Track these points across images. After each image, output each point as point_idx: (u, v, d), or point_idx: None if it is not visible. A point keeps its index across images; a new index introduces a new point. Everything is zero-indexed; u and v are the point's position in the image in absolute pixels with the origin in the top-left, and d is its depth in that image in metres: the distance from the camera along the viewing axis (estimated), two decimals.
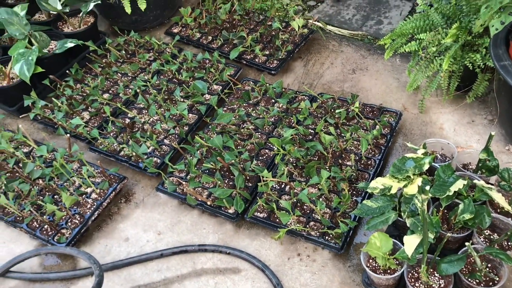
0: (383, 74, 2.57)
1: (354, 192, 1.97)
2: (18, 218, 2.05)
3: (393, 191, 1.71)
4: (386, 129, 2.19)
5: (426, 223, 1.44)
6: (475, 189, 1.69)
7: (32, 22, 2.93)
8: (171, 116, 2.39)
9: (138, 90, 2.52)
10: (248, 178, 2.08)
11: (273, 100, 2.42)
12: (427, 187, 1.48)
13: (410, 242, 1.55)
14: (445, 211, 1.71)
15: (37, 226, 2.02)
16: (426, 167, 1.72)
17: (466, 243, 1.48)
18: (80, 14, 2.87)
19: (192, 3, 3.25)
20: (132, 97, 2.53)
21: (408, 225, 1.60)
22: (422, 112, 2.33)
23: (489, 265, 1.59)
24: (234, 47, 2.73)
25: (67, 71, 2.69)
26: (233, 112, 2.34)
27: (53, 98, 2.54)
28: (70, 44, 2.65)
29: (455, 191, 1.62)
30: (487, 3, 1.84)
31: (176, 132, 2.32)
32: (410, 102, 2.40)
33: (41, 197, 2.10)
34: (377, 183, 1.75)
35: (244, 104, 2.42)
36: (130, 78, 2.66)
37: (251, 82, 2.54)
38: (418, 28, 2.21)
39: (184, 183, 2.09)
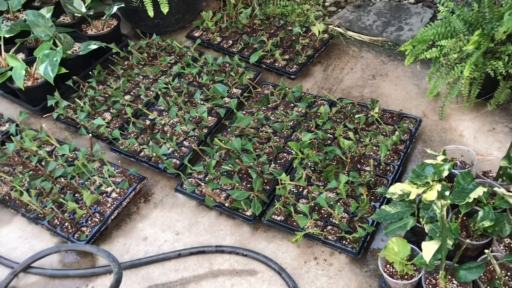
0: (403, 80, 2.56)
1: (372, 197, 1.96)
2: (40, 215, 2.09)
3: (411, 197, 1.70)
4: (405, 135, 2.19)
5: (445, 229, 1.43)
6: (496, 196, 1.68)
7: (57, 24, 2.99)
8: (191, 119, 2.41)
9: (159, 92, 2.55)
10: (266, 181, 2.09)
11: (292, 104, 2.43)
12: (447, 193, 1.47)
13: (428, 248, 1.54)
14: (464, 218, 1.69)
15: (58, 223, 2.06)
16: (445, 173, 1.72)
17: (486, 250, 1.47)
18: (104, 17, 2.93)
19: (213, 8, 3.28)
20: (153, 99, 2.57)
21: (426, 231, 1.59)
22: (442, 118, 2.32)
23: (508, 273, 1.58)
24: (254, 51, 2.75)
25: (90, 73, 2.75)
26: (252, 116, 2.35)
27: (76, 99, 2.59)
28: (93, 46, 2.70)
29: (474, 198, 1.61)
30: (511, 10, 1.83)
31: (196, 134, 2.34)
32: (430, 108, 2.39)
33: (63, 195, 2.14)
34: (396, 189, 1.75)
35: (263, 108, 2.44)
36: (151, 80, 2.70)
37: (271, 86, 2.55)
38: (440, 34, 2.20)
39: (202, 184, 2.11)
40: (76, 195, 2.14)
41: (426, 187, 1.72)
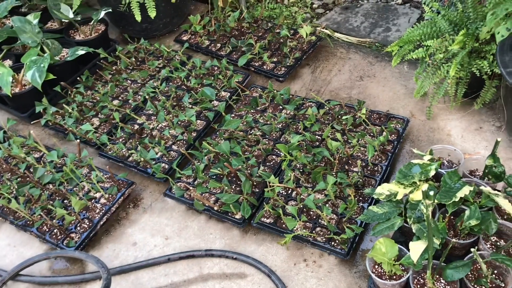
0: (390, 81, 2.57)
1: (360, 198, 1.97)
2: (28, 222, 2.08)
3: (399, 197, 1.71)
4: (393, 135, 2.20)
5: (431, 229, 1.44)
6: (482, 195, 1.69)
7: (45, 30, 2.98)
8: (179, 122, 2.41)
9: (147, 97, 2.55)
10: (255, 183, 2.09)
11: (280, 107, 2.43)
12: (432, 193, 1.48)
13: (416, 248, 1.55)
14: (452, 217, 1.70)
15: (47, 230, 2.05)
16: (432, 173, 1.73)
17: (472, 249, 1.48)
18: (91, 22, 2.92)
19: (201, 11, 3.29)
20: (141, 103, 2.57)
21: (414, 231, 1.60)
22: (429, 118, 2.33)
23: (495, 271, 1.59)
24: (243, 54, 2.76)
25: (78, 78, 2.74)
26: (241, 119, 2.36)
27: (64, 105, 2.58)
28: (81, 51, 2.69)
29: (461, 197, 1.62)
30: (493, 10, 1.85)
31: (184, 138, 2.34)
32: (418, 108, 2.40)
33: (51, 202, 2.13)
34: (383, 189, 1.76)
35: (252, 111, 2.44)
36: (139, 85, 2.70)
37: (259, 89, 2.56)
38: (426, 35, 2.22)
39: (191, 188, 2.11)
40: (64, 201, 2.13)
41: (413, 187, 1.73)
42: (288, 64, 2.65)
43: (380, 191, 1.76)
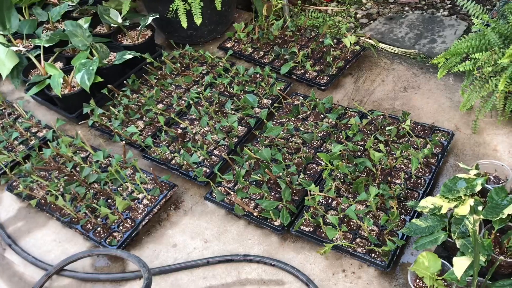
0: (435, 93, 2.53)
1: (402, 210, 1.94)
2: (73, 219, 2.15)
3: (443, 211, 1.68)
4: (437, 148, 2.16)
5: (477, 245, 1.41)
6: None
7: (94, 34, 3.09)
8: (221, 128, 2.44)
9: (191, 102, 2.60)
10: (294, 191, 2.10)
11: (322, 115, 2.43)
12: (479, 208, 1.45)
13: (460, 264, 1.52)
14: (498, 234, 1.66)
15: (91, 228, 2.11)
16: (478, 188, 1.69)
17: None
18: (139, 28, 3.00)
19: (245, 19, 3.33)
20: (185, 108, 2.62)
21: (458, 246, 1.57)
22: (475, 132, 2.28)
23: None
24: (285, 62, 2.78)
25: (125, 82, 2.82)
26: (282, 126, 2.37)
27: (110, 107, 2.66)
28: (128, 56, 2.77)
29: (508, 214, 1.58)
30: None
31: (226, 143, 2.37)
32: (463, 122, 2.35)
33: (96, 201, 2.19)
34: (427, 202, 1.73)
35: (293, 119, 2.45)
36: (183, 90, 2.75)
37: (301, 97, 2.57)
38: (474, 47, 2.18)
39: (232, 193, 2.13)
40: (108, 200, 2.19)
41: (458, 202, 1.70)
42: (330, 73, 2.65)
43: (423, 204, 1.73)
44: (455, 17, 3.18)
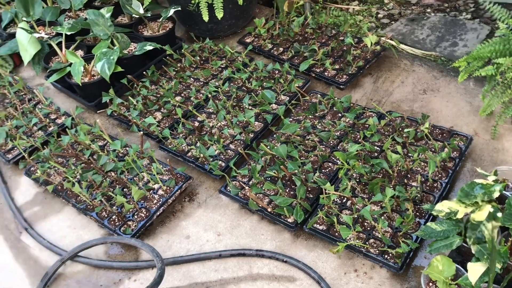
0: (455, 96, 2.51)
1: (417, 213, 1.93)
2: (89, 206, 2.17)
3: (459, 216, 1.67)
4: (455, 152, 2.14)
5: (495, 251, 1.40)
6: None
7: (115, 24, 3.11)
8: (238, 123, 2.45)
9: (209, 95, 2.61)
10: (309, 189, 2.10)
11: (340, 114, 2.43)
12: (499, 214, 1.44)
13: (475, 270, 1.51)
14: None
15: (106, 216, 2.13)
16: (496, 194, 1.67)
17: None
18: (160, 19, 3.02)
19: (266, 15, 3.32)
20: (203, 101, 2.63)
21: (473, 252, 1.56)
22: (494, 138, 2.26)
23: None
24: (305, 59, 2.77)
25: (144, 73, 2.83)
26: (299, 123, 2.37)
27: (129, 97, 2.68)
28: (149, 47, 2.79)
29: None
30: None
31: (242, 138, 2.38)
32: (482, 127, 2.33)
33: (112, 189, 2.22)
34: (443, 206, 1.72)
35: (310, 116, 2.45)
36: (202, 83, 2.76)
37: (319, 95, 2.56)
38: (497, 52, 2.15)
39: (246, 188, 2.14)
40: (124, 189, 2.21)
41: (474, 207, 1.68)
42: (350, 72, 2.64)
43: (439, 208, 1.72)
44: (478, 21, 3.14)
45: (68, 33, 2.91)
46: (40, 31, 3.14)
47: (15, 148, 2.53)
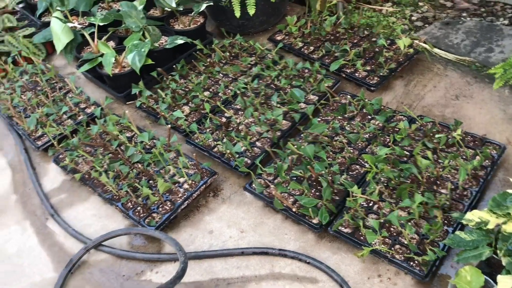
0: (488, 103, 2.45)
1: (445, 221, 1.89)
2: (115, 196, 2.19)
3: (490, 226, 1.63)
4: (487, 161, 2.09)
5: None
6: None
7: (147, 17, 3.12)
8: (265, 120, 2.44)
9: (237, 92, 2.60)
10: (335, 191, 2.07)
11: (369, 117, 2.39)
12: None
13: (505, 283, 1.47)
14: None
15: (131, 206, 2.14)
16: None
17: None
18: (192, 14, 3.02)
19: (298, 13, 3.30)
20: (231, 97, 2.62)
21: (503, 264, 1.52)
22: None
23: None
24: (335, 59, 2.74)
25: (174, 66, 2.85)
26: (327, 124, 2.34)
27: (158, 90, 2.69)
28: (180, 41, 2.79)
29: None
30: None
31: (269, 136, 2.36)
32: None
33: (138, 180, 2.23)
34: (473, 216, 1.68)
35: (339, 117, 2.42)
36: (231, 79, 2.76)
37: (349, 96, 2.53)
38: None
39: (271, 186, 2.12)
40: (150, 181, 2.23)
41: (506, 218, 1.64)
42: (381, 74, 2.60)
43: (470, 217, 1.68)
44: None
45: (101, 24, 2.94)
46: (74, 21, 3.18)
47: (45, 135, 2.57)
